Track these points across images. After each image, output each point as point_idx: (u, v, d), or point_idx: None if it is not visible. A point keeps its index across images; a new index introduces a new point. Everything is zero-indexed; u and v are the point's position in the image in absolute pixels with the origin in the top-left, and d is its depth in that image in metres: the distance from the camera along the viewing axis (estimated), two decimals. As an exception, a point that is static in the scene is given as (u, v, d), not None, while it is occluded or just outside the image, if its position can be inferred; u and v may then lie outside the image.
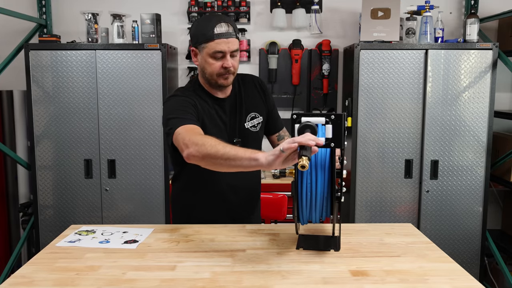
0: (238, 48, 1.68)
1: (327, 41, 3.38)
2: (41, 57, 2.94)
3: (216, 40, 1.62)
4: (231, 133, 1.76)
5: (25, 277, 1.27)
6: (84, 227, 1.68)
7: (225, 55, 1.64)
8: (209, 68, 1.67)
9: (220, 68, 1.66)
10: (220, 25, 1.62)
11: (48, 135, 2.99)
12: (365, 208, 3.04)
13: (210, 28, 1.62)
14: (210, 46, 1.63)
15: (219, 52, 1.63)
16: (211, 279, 1.25)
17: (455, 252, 3.04)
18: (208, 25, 1.63)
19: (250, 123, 1.79)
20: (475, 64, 2.93)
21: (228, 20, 1.67)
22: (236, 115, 1.78)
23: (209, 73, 1.69)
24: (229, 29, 1.64)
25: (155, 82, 2.95)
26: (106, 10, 3.12)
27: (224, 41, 1.62)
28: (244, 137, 1.77)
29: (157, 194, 3.03)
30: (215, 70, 1.67)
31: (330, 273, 1.29)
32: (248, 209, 1.89)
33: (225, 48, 1.63)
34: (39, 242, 3.05)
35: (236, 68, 1.71)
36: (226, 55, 1.64)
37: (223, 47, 1.63)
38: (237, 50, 1.68)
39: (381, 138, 2.99)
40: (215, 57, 1.65)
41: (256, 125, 1.81)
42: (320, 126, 1.33)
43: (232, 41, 1.64)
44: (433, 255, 1.42)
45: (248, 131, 1.78)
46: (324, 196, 1.38)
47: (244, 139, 1.76)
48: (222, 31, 1.62)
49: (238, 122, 1.77)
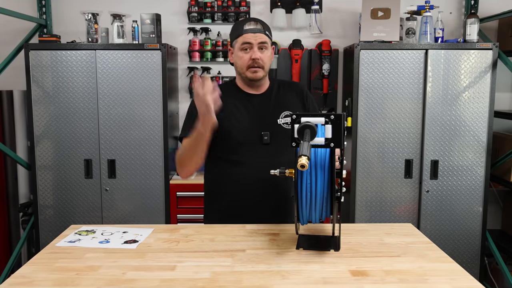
0: (266, 42, 1.77)
1: (327, 41, 3.38)
2: (41, 57, 2.94)
3: (244, 35, 1.76)
4: (260, 127, 1.80)
5: (25, 277, 1.27)
6: (84, 227, 1.68)
7: (252, 47, 1.75)
8: (239, 62, 1.79)
9: (249, 60, 1.76)
10: (249, 23, 1.78)
11: (48, 135, 2.99)
12: (365, 208, 3.04)
13: (241, 26, 1.78)
14: (239, 40, 1.78)
15: (247, 43, 1.75)
16: (211, 279, 1.25)
17: (455, 252, 3.04)
18: (240, 25, 1.79)
19: (283, 120, 1.83)
20: (475, 64, 2.93)
21: (259, 20, 1.80)
22: (267, 111, 1.83)
23: (240, 66, 1.79)
24: (257, 26, 1.77)
25: (155, 82, 2.95)
26: (106, 10, 3.12)
27: (251, 34, 1.76)
28: (275, 132, 1.80)
29: (157, 194, 3.03)
30: (244, 63, 1.77)
31: (330, 273, 1.29)
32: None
33: (252, 40, 1.75)
34: (39, 242, 3.05)
35: (265, 62, 1.78)
36: (254, 47, 1.75)
37: (250, 39, 1.75)
38: (265, 43, 1.77)
39: (381, 138, 2.99)
40: (243, 49, 1.77)
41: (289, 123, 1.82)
42: (319, 126, 1.33)
43: (260, 35, 1.76)
44: (433, 255, 1.42)
45: (280, 127, 1.81)
46: (324, 196, 1.38)
47: (274, 134, 1.80)
48: (250, 27, 1.77)
49: (269, 117, 1.82)
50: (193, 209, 3.04)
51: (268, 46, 1.79)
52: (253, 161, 1.78)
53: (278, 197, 1.85)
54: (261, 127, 1.80)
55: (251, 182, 1.79)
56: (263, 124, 1.81)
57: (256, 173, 1.77)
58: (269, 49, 1.80)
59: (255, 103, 1.84)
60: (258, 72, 1.78)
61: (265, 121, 1.81)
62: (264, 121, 1.81)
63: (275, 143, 1.79)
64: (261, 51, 1.77)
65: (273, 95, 1.86)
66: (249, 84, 1.83)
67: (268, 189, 1.81)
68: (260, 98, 1.85)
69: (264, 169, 1.69)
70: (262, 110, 1.83)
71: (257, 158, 1.78)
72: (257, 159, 1.78)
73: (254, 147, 1.79)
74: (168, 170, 3.02)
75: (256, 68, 1.77)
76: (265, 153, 1.79)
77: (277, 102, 1.85)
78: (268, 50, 1.79)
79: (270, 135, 1.79)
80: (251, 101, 1.84)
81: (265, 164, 1.73)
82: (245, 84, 1.85)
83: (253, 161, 1.78)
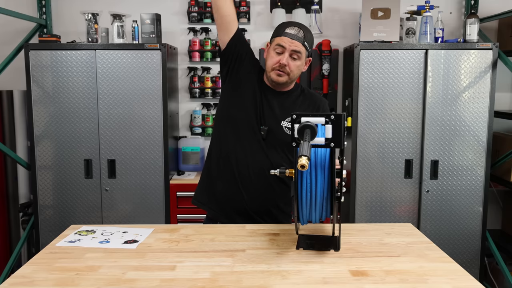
0: (300, 51, 1.76)
1: (327, 41, 3.38)
2: (41, 57, 2.94)
3: (282, 37, 1.76)
4: (262, 120, 1.81)
5: (25, 277, 1.27)
6: (84, 227, 1.68)
7: (284, 51, 1.75)
8: (269, 60, 1.79)
9: (277, 63, 1.76)
10: (292, 27, 1.77)
11: (48, 135, 2.99)
12: (365, 208, 3.04)
13: (284, 28, 1.78)
14: (276, 40, 1.78)
15: (280, 46, 1.75)
16: (211, 279, 1.25)
17: (455, 252, 3.04)
18: (284, 26, 1.79)
19: (286, 124, 1.83)
20: (475, 64, 2.93)
21: (303, 28, 1.78)
22: (277, 110, 1.82)
23: (268, 65, 1.80)
24: (299, 34, 1.75)
25: (155, 82, 2.95)
26: (106, 10, 3.12)
27: (288, 39, 1.75)
28: (273, 131, 1.80)
29: (157, 194, 3.03)
30: (272, 63, 1.77)
31: (330, 273, 1.29)
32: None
33: (286, 44, 1.74)
34: (39, 242, 3.05)
35: (292, 70, 1.77)
36: (286, 52, 1.75)
37: (285, 43, 1.75)
38: (299, 52, 1.76)
39: (381, 138, 2.99)
40: (276, 50, 1.77)
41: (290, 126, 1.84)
42: (320, 126, 1.33)
43: (296, 43, 1.75)
44: (433, 255, 1.42)
45: (280, 129, 1.82)
46: (324, 196, 1.38)
47: (272, 132, 1.80)
48: (292, 32, 1.76)
49: (275, 116, 1.82)
50: (193, 209, 3.03)
51: (301, 56, 1.77)
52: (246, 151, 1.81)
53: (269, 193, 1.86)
54: (264, 121, 1.81)
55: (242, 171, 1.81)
56: (266, 120, 1.81)
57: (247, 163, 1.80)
58: (302, 59, 1.78)
59: (269, 98, 1.84)
60: (282, 77, 1.78)
61: (269, 118, 1.82)
62: (269, 118, 1.82)
63: (271, 141, 1.80)
64: (291, 58, 1.76)
65: (291, 98, 1.86)
66: (271, 84, 1.84)
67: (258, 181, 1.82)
68: (277, 96, 1.85)
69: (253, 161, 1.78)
70: (272, 107, 1.83)
71: (250, 149, 1.81)
72: (250, 150, 1.81)
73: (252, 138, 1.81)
74: (168, 170, 3.02)
75: (281, 73, 1.77)
76: (258, 147, 1.81)
77: (290, 105, 1.85)
78: (299, 60, 1.78)
79: (268, 131, 1.80)
80: (266, 95, 1.84)
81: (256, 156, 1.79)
82: (268, 80, 1.85)
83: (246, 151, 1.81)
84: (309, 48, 1.81)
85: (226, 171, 1.84)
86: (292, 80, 1.83)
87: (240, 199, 1.83)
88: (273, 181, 1.82)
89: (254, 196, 1.82)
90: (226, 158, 1.84)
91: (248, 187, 1.82)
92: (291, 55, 1.76)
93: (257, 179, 1.81)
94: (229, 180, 1.84)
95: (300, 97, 1.89)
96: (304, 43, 1.76)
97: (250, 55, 1.87)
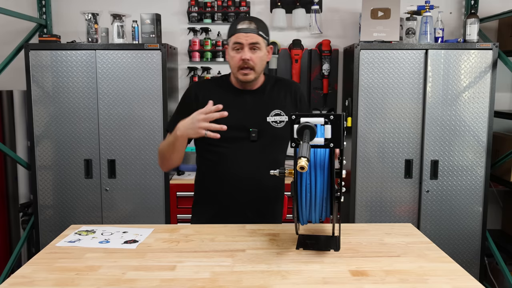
0: (258, 42, 1.75)
1: (327, 41, 3.38)
2: (41, 57, 2.94)
3: (237, 34, 1.74)
4: (249, 123, 1.80)
5: (25, 277, 1.27)
6: (84, 227, 1.68)
7: (243, 47, 1.73)
8: (231, 61, 1.78)
9: (239, 61, 1.74)
10: (243, 22, 1.76)
11: (48, 135, 2.99)
12: (365, 208, 3.04)
13: (235, 25, 1.76)
14: (232, 39, 1.76)
15: (237, 43, 1.74)
16: (211, 279, 1.25)
17: (455, 252, 3.04)
18: (235, 23, 1.78)
19: (272, 118, 1.82)
20: (475, 64, 2.93)
21: (254, 20, 1.78)
22: (259, 108, 1.82)
23: (232, 66, 1.79)
24: (251, 26, 1.74)
25: (155, 82, 2.95)
26: (106, 10, 3.12)
27: (243, 34, 1.73)
28: (263, 130, 1.80)
29: (157, 194, 3.03)
30: (235, 63, 1.76)
31: (330, 273, 1.29)
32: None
33: (243, 40, 1.73)
34: (39, 242, 3.05)
35: (256, 63, 1.76)
36: (244, 47, 1.73)
37: (241, 39, 1.73)
38: (257, 43, 1.74)
39: (381, 138, 2.99)
40: (235, 49, 1.75)
41: (279, 122, 1.83)
42: (319, 127, 1.33)
43: (252, 35, 1.73)
44: (433, 255, 1.42)
45: (269, 125, 1.81)
46: (324, 196, 1.38)
47: (262, 131, 1.79)
48: (244, 26, 1.74)
49: (259, 114, 1.81)
50: (193, 209, 3.04)
51: (261, 47, 1.75)
52: (240, 157, 1.79)
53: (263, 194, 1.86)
54: (250, 124, 1.80)
55: (236, 178, 1.80)
56: (252, 121, 1.80)
57: (242, 169, 1.79)
58: (262, 49, 1.76)
59: (247, 99, 1.83)
60: (248, 75, 1.76)
61: (254, 118, 1.81)
62: (254, 118, 1.81)
63: (262, 140, 1.79)
64: (252, 51, 1.74)
65: (266, 92, 1.86)
66: (241, 84, 1.82)
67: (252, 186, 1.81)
68: (252, 95, 1.84)
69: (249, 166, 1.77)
70: (252, 107, 1.82)
71: (243, 154, 1.79)
72: (243, 155, 1.79)
73: (241, 143, 1.79)
74: (168, 170, 3.02)
75: (246, 70, 1.75)
76: (251, 150, 1.80)
77: (269, 100, 1.84)
78: (260, 51, 1.76)
79: (258, 132, 1.79)
80: (242, 97, 1.83)
81: (251, 160, 1.77)
82: (237, 82, 1.83)
83: (240, 157, 1.79)
84: (266, 36, 1.78)
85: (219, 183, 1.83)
86: (259, 74, 1.80)
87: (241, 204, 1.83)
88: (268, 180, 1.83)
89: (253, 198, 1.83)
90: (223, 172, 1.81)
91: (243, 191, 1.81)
92: (250, 49, 1.73)
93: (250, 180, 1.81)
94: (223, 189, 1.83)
95: (275, 88, 1.88)
96: (259, 33, 1.74)
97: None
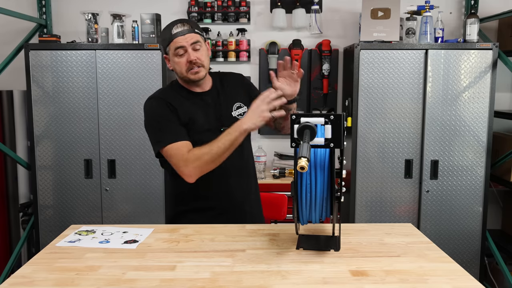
0: (198, 40, 1.75)
1: (327, 41, 3.38)
2: (41, 57, 2.94)
3: (175, 39, 1.73)
4: (219, 122, 1.80)
5: (25, 277, 1.27)
6: (84, 227, 1.68)
7: (186, 49, 1.73)
8: (178, 67, 1.76)
9: (186, 63, 1.74)
10: (176, 26, 1.74)
11: (48, 135, 2.99)
12: (365, 208, 3.04)
13: (169, 31, 1.75)
14: (171, 46, 1.74)
15: (179, 47, 1.72)
16: (211, 279, 1.25)
17: (455, 252, 3.04)
18: (167, 30, 1.76)
19: (237, 112, 1.84)
20: (475, 64, 2.93)
21: (185, 20, 1.77)
22: (221, 106, 1.83)
23: (179, 71, 1.77)
24: (185, 27, 1.73)
25: (155, 82, 2.95)
26: (106, 10, 3.12)
27: (181, 37, 1.72)
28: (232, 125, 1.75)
29: (157, 194, 3.03)
30: (183, 67, 1.75)
31: (330, 273, 1.29)
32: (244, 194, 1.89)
33: (183, 42, 1.72)
34: (39, 242, 3.05)
35: (203, 60, 1.76)
36: (187, 49, 1.72)
37: (181, 42, 1.72)
38: (198, 42, 1.74)
39: (381, 138, 2.99)
40: (178, 54, 1.74)
41: (243, 114, 1.85)
42: (319, 127, 1.33)
43: (190, 35, 1.73)
44: (433, 255, 1.42)
45: (236, 119, 1.77)
46: (324, 196, 1.38)
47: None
48: (178, 30, 1.73)
49: (224, 111, 1.83)
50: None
51: (201, 44, 1.76)
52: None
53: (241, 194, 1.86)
54: (220, 123, 1.80)
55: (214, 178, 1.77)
56: (221, 119, 1.81)
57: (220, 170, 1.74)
58: (203, 46, 1.77)
59: (207, 100, 1.83)
60: (199, 72, 1.75)
61: (221, 117, 1.81)
62: (221, 117, 1.81)
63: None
64: (196, 51, 1.74)
65: (220, 90, 1.86)
66: (193, 84, 1.81)
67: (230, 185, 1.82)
68: (210, 95, 1.84)
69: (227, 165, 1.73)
70: (215, 106, 1.82)
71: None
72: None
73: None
74: (168, 170, 3.02)
75: (196, 69, 1.74)
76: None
77: (226, 96, 1.86)
78: (202, 48, 1.76)
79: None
80: (203, 99, 1.82)
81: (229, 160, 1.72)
82: (189, 85, 1.82)
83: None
84: (201, 32, 1.79)
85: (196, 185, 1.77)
86: (207, 70, 1.81)
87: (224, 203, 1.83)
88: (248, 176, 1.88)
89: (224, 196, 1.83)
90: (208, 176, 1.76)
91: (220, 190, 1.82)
92: (193, 49, 1.73)
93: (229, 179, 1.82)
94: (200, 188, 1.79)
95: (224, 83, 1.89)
96: (196, 31, 1.75)
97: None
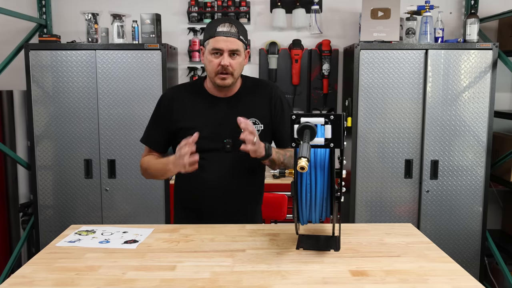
0: (239, 49, 1.69)
1: (327, 41, 3.38)
2: (41, 57, 2.94)
3: (216, 37, 1.66)
4: (224, 133, 1.75)
5: (25, 277, 1.27)
6: (84, 227, 1.68)
7: (223, 53, 1.67)
8: (209, 66, 1.71)
9: (218, 66, 1.68)
10: (223, 24, 1.67)
11: (48, 135, 2.99)
12: (365, 208, 3.04)
13: (214, 27, 1.67)
14: (210, 43, 1.68)
15: (217, 49, 1.67)
16: (211, 279, 1.25)
17: (455, 252, 3.04)
18: (214, 25, 1.69)
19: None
20: (475, 64, 2.93)
21: (234, 22, 1.70)
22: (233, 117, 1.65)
23: (209, 71, 1.72)
24: (231, 29, 1.67)
25: (155, 82, 2.95)
26: (106, 10, 3.12)
27: (223, 39, 1.66)
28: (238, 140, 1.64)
29: (157, 194, 3.03)
30: (213, 68, 1.69)
31: (330, 273, 1.29)
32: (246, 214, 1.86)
33: (223, 46, 1.66)
34: (39, 242, 3.05)
35: (235, 69, 1.70)
36: (224, 53, 1.67)
37: (221, 45, 1.66)
38: (237, 50, 1.68)
39: (381, 138, 2.99)
40: (214, 54, 1.68)
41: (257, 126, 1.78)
42: (319, 127, 1.33)
43: (232, 40, 1.66)
44: (433, 255, 1.42)
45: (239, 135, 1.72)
46: (324, 196, 1.38)
47: (238, 141, 1.63)
48: (224, 29, 1.66)
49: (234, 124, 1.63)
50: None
51: (240, 53, 1.69)
52: (214, 168, 1.75)
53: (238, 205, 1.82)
54: (225, 134, 1.74)
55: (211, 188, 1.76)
56: (226, 131, 1.74)
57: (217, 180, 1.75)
58: (241, 55, 1.70)
59: (221, 108, 1.77)
60: (226, 80, 1.69)
61: (229, 128, 1.72)
62: (228, 128, 1.72)
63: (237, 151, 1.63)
64: (232, 57, 1.68)
65: (242, 100, 1.79)
66: (217, 88, 1.75)
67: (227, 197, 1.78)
68: (227, 103, 1.78)
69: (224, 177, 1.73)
70: (227, 116, 1.74)
71: (218, 166, 1.75)
72: (218, 167, 1.75)
73: (216, 154, 1.75)
74: (168, 170, 3.02)
75: (225, 75, 1.68)
76: (226, 161, 1.75)
77: (244, 108, 1.77)
78: (240, 57, 1.70)
79: (233, 142, 1.72)
80: (217, 105, 1.77)
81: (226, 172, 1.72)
82: (213, 87, 1.77)
83: (214, 168, 1.75)
84: (245, 40, 1.72)
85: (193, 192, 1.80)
86: (237, 79, 1.74)
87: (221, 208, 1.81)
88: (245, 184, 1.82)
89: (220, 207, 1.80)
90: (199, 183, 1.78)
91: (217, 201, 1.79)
92: (230, 54, 1.67)
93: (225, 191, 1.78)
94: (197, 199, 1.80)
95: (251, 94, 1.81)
96: (240, 37, 1.68)
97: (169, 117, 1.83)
